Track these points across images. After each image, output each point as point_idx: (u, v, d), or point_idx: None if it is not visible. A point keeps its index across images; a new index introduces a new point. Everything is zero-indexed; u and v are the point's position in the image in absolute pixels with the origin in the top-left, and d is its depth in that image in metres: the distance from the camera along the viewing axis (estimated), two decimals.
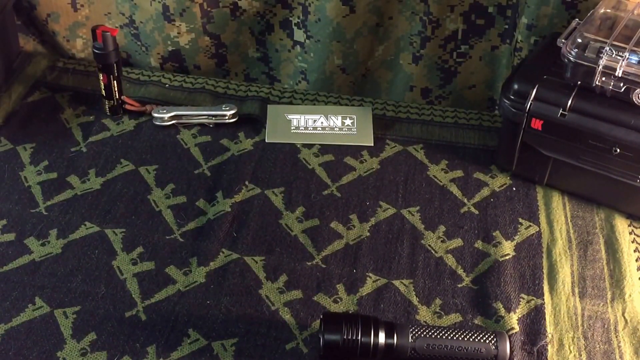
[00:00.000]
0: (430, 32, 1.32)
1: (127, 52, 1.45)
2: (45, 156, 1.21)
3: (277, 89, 1.39)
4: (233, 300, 1.00)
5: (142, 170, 1.20)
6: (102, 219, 1.11)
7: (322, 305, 1.00)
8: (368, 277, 1.04)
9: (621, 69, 1.04)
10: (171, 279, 1.03)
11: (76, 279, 1.02)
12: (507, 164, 1.20)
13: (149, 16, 1.37)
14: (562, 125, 1.09)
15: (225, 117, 1.29)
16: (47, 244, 1.07)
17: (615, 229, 1.12)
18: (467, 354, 0.90)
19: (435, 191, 1.18)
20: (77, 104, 1.33)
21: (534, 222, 1.13)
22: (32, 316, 0.97)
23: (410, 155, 1.25)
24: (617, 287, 1.03)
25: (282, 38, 1.39)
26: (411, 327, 0.91)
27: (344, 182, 1.19)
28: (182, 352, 0.93)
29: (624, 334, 0.98)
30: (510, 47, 1.33)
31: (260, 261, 1.05)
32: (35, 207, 1.12)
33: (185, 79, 1.40)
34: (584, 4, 1.22)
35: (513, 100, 1.13)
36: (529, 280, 1.04)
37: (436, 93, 1.39)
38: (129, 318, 0.97)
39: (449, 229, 1.12)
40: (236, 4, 1.34)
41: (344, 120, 1.30)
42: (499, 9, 1.30)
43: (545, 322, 0.99)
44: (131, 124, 1.29)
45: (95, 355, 0.92)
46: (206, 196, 1.15)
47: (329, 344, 0.90)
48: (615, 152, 1.07)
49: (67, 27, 1.43)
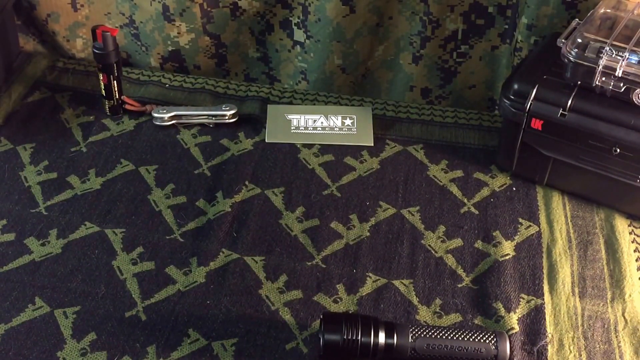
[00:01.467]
0: (430, 32, 1.32)
1: (127, 52, 1.45)
2: (45, 156, 1.21)
3: (277, 89, 1.39)
4: (233, 300, 1.00)
5: (142, 170, 1.20)
6: (102, 219, 1.11)
7: (322, 305, 1.00)
8: (368, 277, 1.04)
9: (621, 69, 1.04)
10: (171, 279, 1.03)
11: (76, 279, 1.02)
12: (507, 164, 1.20)
13: (149, 16, 1.37)
14: (562, 125, 1.09)
15: (225, 117, 1.29)
16: (47, 244, 1.07)
17: (615, 229, 1.11)
18: (467, 354, 0.90)
19: (435, 191, 1.18)
20: (77, 104, 1.32)
21: (534, 222, 1.13)
22: (32, 316, 0.97)
23: (410, 155, 1.25)
24: (617, 287, 1.03)
25: (282, 38, 1.38)
26: (411, 327, 0.91)
27: (344, 182, 1.19)
28: (182, 352, 0.93)
29: (624, 334, 0.98)
30: (510, 47, 1.33)
31: (260, 261, 1.05)
32: (35, 207, 1.12)
33: (185, 79, 1.40)
34: (584, 4, 1.22)
35: (513, 100, 1.13)
36: (529, 280, 1.04)
37: (436, 93, 1.39)
38: (129, 318, 0.97)
39: (449, 229, 1.12)
40: (236, 4, 1.34)
41: (344, 120, 1.30)
42: (499, 9, 1.30)
43: (545, 322, 0.99)
44: (131, 124, 1.29)
45: (95, 355, 0.92)
46: (206, 196, 1.15)
47: (329, 344, 0.89)
48: (615, 152, 1.07)
49: (67, 27, 1.43)
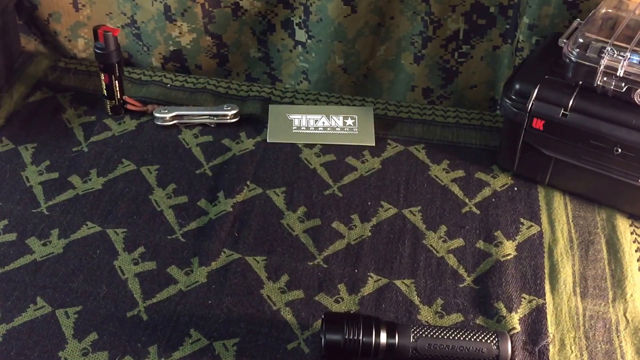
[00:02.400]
0: (432, 32, 1.32)
1: (128, 52, 1.45)
2: (46, 156, 1.21)
3: (279, 89, 1.39)
4: (234, 300, 1.00)
5: (144, 170, 1.20)
6: (104, 219, 1.11)
7: (324, 305, 1.00)
8: (369, 277, 1.04)
9: (622, 69, 1.04)
10: (173, 279, 1.03)
11: (78, 279, 1.02)
12: (509, 164, 1.20)
13: (151, 16, 1.38)
14: (563, 125, 1.09)
15: (227, 117, 1.29)
16: (48, 244, 1.07)
17: (617, 229, 1.11)
18: (468, 354, 0.90)
19: (436, 191, 1.18)
20: (79, 104, 1.33)
21: (536, 222, 1.13)
22: (33, 316, 0.97)
23: (411, 155, 1.25)
24: (618, 287, 1.03)
25: (284, 38, 1.39)
26: (413, 327, 0.91)
27: (345, 182, 1.19)
28: (184, 352, 0.93)
29: (625, 334, 0.98)
30: (511, 47, 1.33)
31: (261, 261, 1.06)
32: (37, 207, 1.12)
33: (186, 79, 1.40)
34: (586, 4, 1.22)
35: (514, 100, 1.13)
36: (530, 280, 1.04)
37: (438, 93, 1.39)
38: (131, 318, 0.97)
39: (451, 229, 1.12)
40: (237, 4, 1.34)
41: (345, 120, 1.30)
42: (501, 8, 1.30)
43: (547, 322, 0.99)
44: (133, 124, 1.29)
45: (97, 355, 0.92)
46: (207, 196, 1.15)
47: (331, 344, 0.89)
48: (617, 152, 1.07)
49: (68, 27, 1.43)
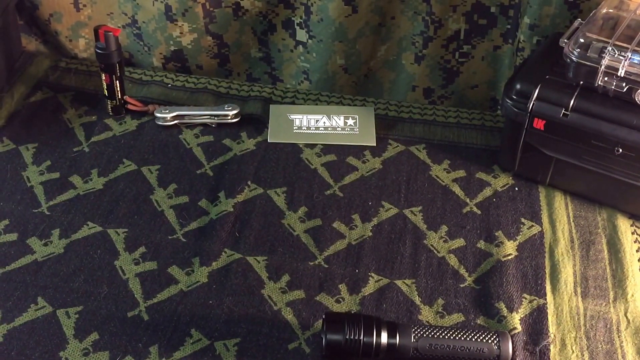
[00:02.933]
0: (433, 32, 1.32)
1: (129, 52, 1.45)
2: (47, 156, 1.21)
3: (280, 89, 1.39)
4: (235, 300, 1.00)
5: (145, 170, 1.20)
6: (105, 219, 1.11)
7: (325, 305, 1.00)
8: (370, 277, 1.04)
9: (623, 69, 1.04)
10: (173, 279, 1.03)
11: (78, 279, 1.02)
12: (510, 164, 1.20)
13: (152, 16, 1.38)
14: (564, 125, 1.09)
15: (228, 117, 1.29)
16: (49, 244, 1.07)
17: (618, 229, 1.11)
18: (469, 354, 0.90)
19: (437, 191, 1.18)
20: (80, 104, 1.33)
21: (537, 222, 1.13)
22: (34, 316, 0.97)
23: (412, 155, 1.25)
24: (619, 287, 1.03)
25: (285, 38, 1.38)
26: (413, 327, 0.91)
27: (346, 182, 1.19)
28: (185, 352, 0.93)
29: (626, 334, 0.98)
30: (512, 47, 1.33)
31: (262, 261, 1.05)
32: (38, 207, 1.12)
33: (187, 79, 1.40)
34: (586, 4, 1.22)
35: (515, 100, 1.13)
36: (531, 280, 1.04)
37: (438, 93, 1.39)
38: (132, 318, 0.97)
39: (452, 229, 1.12)
40: (238, 4, 1.34)
41: (346, 120, 1.30)
42: (502, 9, 1.30)
43: (548, 322, 0.98)
44: (133, 124, 1.29)
45: (98, 355, 0.92)
46: (208, 196, 1.15)
47: (332, 344, 0.89)
48: (618, 152, 1.07)
49: (69, 27, 1.43)
